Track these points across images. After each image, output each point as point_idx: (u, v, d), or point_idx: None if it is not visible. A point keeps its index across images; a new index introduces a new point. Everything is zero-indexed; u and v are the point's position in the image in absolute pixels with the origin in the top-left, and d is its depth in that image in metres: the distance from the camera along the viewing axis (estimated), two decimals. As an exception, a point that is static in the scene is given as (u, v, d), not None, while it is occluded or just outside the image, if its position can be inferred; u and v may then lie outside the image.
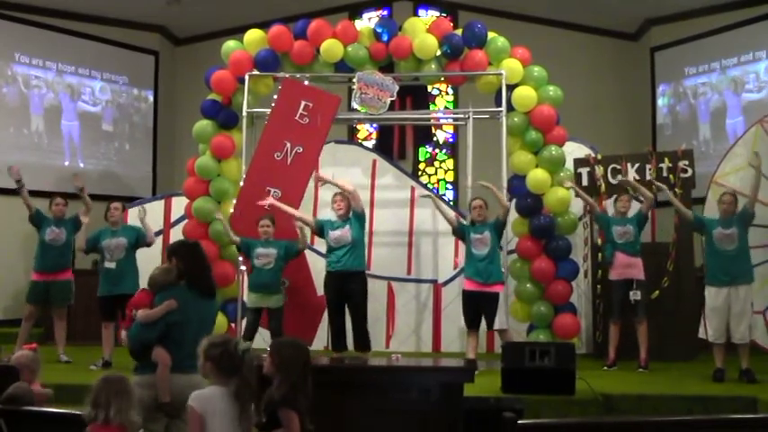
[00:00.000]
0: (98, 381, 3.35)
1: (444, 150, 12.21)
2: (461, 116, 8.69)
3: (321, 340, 8.06)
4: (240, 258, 7.46)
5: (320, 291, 7.90)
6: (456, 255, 8.34)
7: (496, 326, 6.84)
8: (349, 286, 6.88)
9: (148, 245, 7.39)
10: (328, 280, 7.04)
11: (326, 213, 8.43)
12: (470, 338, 6.99)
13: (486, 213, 7.01)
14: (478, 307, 6.89)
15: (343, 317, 6.99)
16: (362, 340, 6.94)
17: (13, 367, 4.29)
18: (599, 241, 7.63)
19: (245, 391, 3.39)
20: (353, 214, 6.92)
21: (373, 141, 11.70)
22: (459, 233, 7.17)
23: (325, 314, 7.87)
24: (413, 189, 8.68)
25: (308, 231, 7.23)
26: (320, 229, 7.09)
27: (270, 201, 7.06)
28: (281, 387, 3.39)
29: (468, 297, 6.94)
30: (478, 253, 6.91)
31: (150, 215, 7.99)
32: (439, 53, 7.78)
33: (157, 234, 8.32)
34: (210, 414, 3.34)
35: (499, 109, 7.68)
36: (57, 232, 7.53)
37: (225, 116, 7.80)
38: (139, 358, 4.09)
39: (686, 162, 7.82)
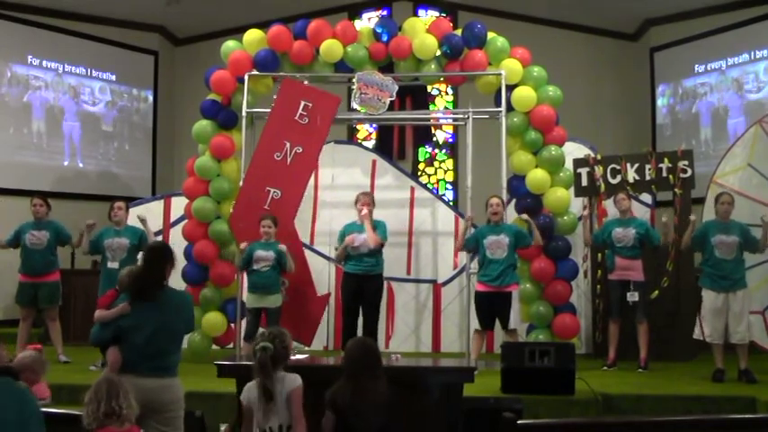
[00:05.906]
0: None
1: (444, 150, 12.22)
2: (461, 116, 8.68)
3: (321, 340, 8.06)
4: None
5: (322, 290, 7.94)
6: (455, 255, 8.34)
7: (511, 325, 6.77)
8: (366, 288, 6.94)
9: None
10: (346, 281, 7.07)
11: (326, 214, 8.47)
12: (476, 340, 6.97)
13: (503, 213, 6.95)
14: (492, 307, 6.81)
15: (356, 318, 7.01)
16: None
17: (11, 368, 4.28)
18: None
19: (260, 385, 3.81)
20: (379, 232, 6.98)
21: (373, 141, 11.71)
22: (472, 242, 7.00)
23: (326, 314, 7.92)
24: (412, 189, 8.68)
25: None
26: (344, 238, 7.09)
27: None
28: (338, 383, 3.93)
29: (480, 297, 6.88)
30: (494, 257, 6.79)
31: (150, 215, 7.98)
32: (438, 53, 7.76)
33: (157, 234, 8.30)
34: (253, 404, 3.82)
35: (499, 109, 7.67)
36: (37, 236, 7.37)
37: (224, 116, 7.79)
38: (104, 353, 4.25)
39: (686, 162, 7.79)
